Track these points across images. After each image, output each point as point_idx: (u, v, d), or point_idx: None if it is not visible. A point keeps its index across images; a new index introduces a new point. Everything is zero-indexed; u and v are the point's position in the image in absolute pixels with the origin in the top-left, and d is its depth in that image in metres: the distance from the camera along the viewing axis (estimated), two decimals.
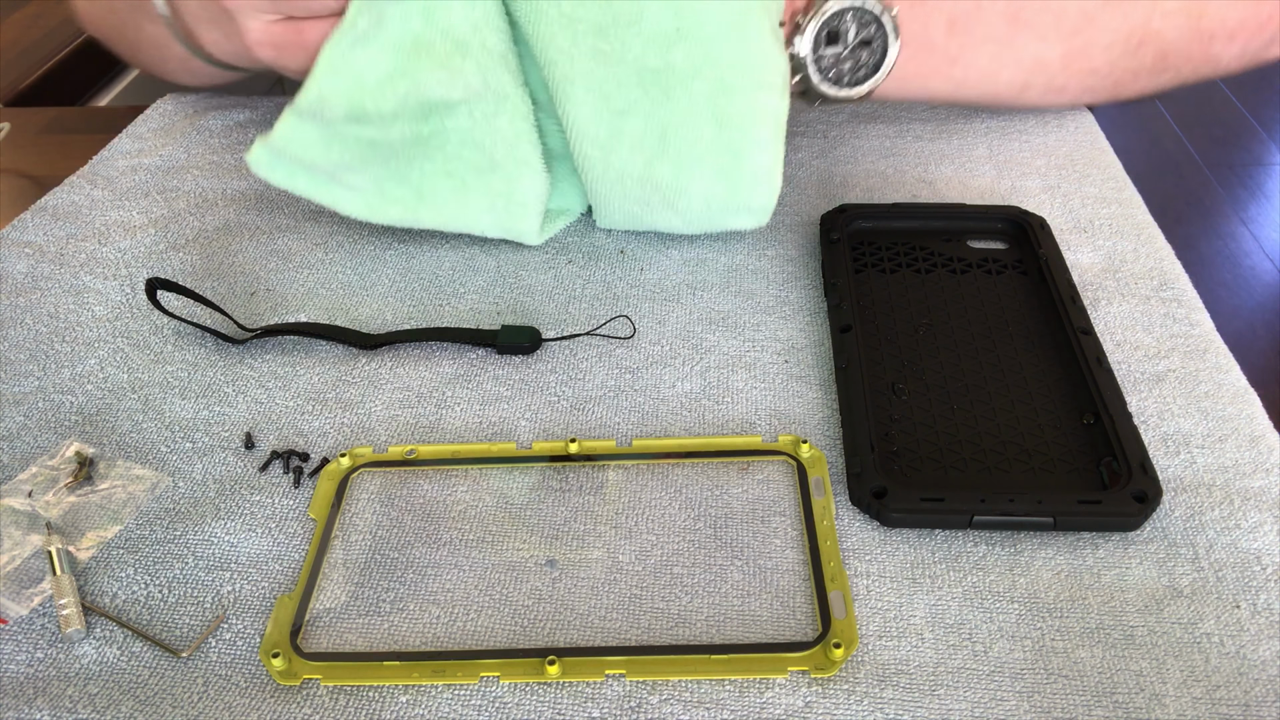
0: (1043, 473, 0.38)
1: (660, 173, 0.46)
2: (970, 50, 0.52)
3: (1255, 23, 0.52)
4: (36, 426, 0.43)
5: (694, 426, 0.42)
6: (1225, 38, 0.52)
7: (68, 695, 0.33)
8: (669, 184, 0.47)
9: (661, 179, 0.47)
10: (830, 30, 0.49)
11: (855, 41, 0.49)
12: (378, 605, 0.36)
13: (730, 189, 0.47)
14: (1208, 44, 0.52)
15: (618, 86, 0.44)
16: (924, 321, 0.45)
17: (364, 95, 0.43)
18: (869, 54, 0.50)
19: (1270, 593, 0.35)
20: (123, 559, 0.38)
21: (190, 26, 0.53)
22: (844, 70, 0.50)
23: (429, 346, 0.46)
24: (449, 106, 0.44)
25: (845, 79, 0.50)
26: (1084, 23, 0.51)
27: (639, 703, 0.32)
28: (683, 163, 0.46)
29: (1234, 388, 0.42)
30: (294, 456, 0.41)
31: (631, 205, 0.49)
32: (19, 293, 0.51)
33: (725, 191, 0.47)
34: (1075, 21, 0.51)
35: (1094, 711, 0.32)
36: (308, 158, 0.46)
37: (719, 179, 0.47)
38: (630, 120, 0.45)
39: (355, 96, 0.43)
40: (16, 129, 0.70)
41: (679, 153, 0.46)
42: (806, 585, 0.35)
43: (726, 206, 0.48)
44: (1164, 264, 0.49)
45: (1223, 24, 0.51)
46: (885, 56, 0.50)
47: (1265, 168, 2.05)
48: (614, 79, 0.44)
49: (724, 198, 0.48)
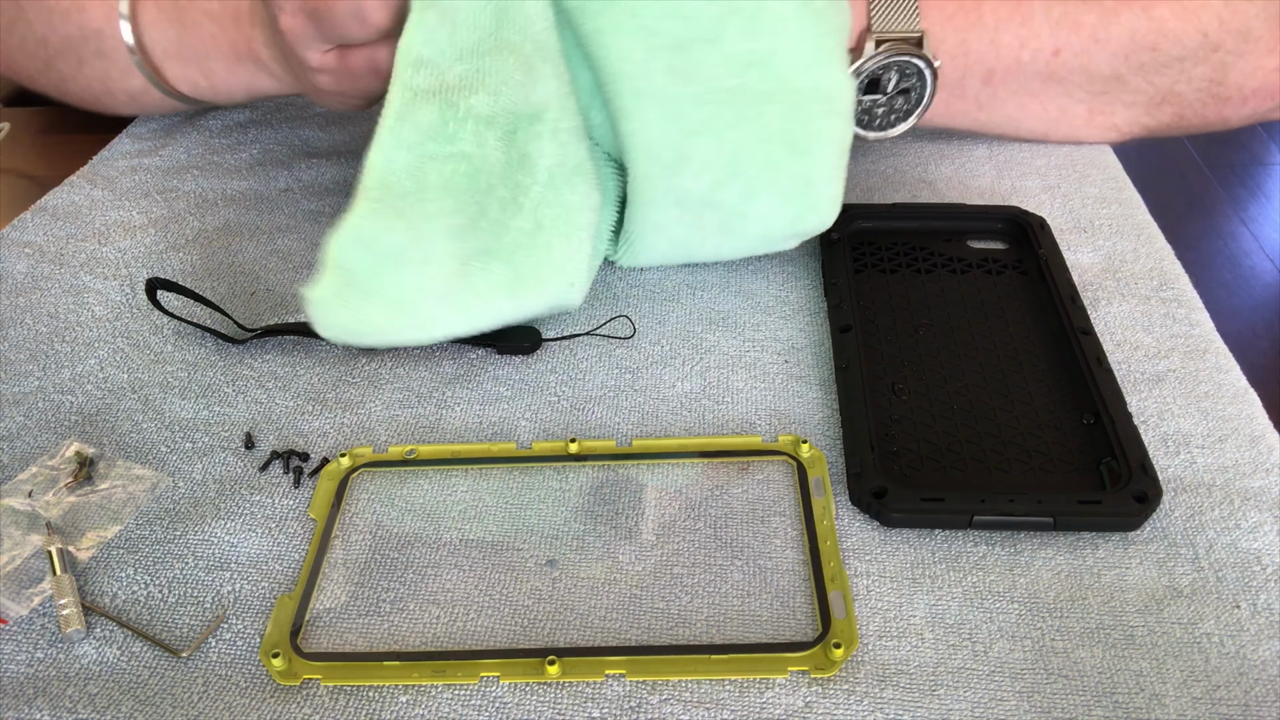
0: (1043, 473, 0.38)
1: (725, 196, 0.44)
2: (1000, 100, 0.54)
3: (1268, 90, 0.53)
4: (36, 426, 0.43)
5: (694, 426, 0.42)
6: (1239, 101, 0.53)
7: (68, 695, 0.33)
8: (732, 208, 0.45)
9: (725, 202, 0.44)
10: (872, 78, 0.49)
11: (895, 90, 0.49)
12: (378, 605, 0.36)
13: (793, 216, 0.45)
14: (1222, 106, 0.54)
15: (691, 105, 0.42)
16: (924, 321, 0.45)
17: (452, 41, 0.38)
18: (904, 101, 0.50)
19: (1270, 593, 0.35)
20: (123, 559, 0.38)
21: (159, 62, 0.54)
22: (877, 114, 0.50)
23: (429, 346, 0.46)
24: (534, 116, 0.40)
25: (877, 123, 0.51)
26: (1114, 84, 0.53)
27: (639, 703, 0.32)
28: (751, 187, 0.44)
29: (1234, 388, 0.42)
30: (294, 456, 0.41)
31: (681, 231, 0.46)
32: (19, 293, 0.51)
33: (788, 218, 0.46)
34: (1106, 83, 0.53)
35: (1094, 711, 0.32)
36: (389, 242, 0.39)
37: (784, 204, 0.45)
38: (700, 141, 0.43)
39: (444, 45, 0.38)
40: (16, 129, 0.70)
41: (748, 177, 0.44)
42: (806, 585, 0.35)
43: (782, 234, 0.47)
44: (1164, 264, 0.49)
45: (1239, 90, 0.53)
46: (920, 106, 0.50)
47: (1265, 168, 2.05)
48: (688, 97, 0.42)
49: (784, 224, 0.46)
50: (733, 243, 0.47)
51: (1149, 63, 0.52)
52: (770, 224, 0.46)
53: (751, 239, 0.47)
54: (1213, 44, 0.51)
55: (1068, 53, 0.51)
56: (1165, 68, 0.52)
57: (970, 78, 0.52)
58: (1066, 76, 0.52)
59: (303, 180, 0.59)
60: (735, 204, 0.45)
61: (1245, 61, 0.52)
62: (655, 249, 0.48)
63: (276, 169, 0.60)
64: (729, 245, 0.48)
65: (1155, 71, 0.52)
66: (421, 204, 0.39)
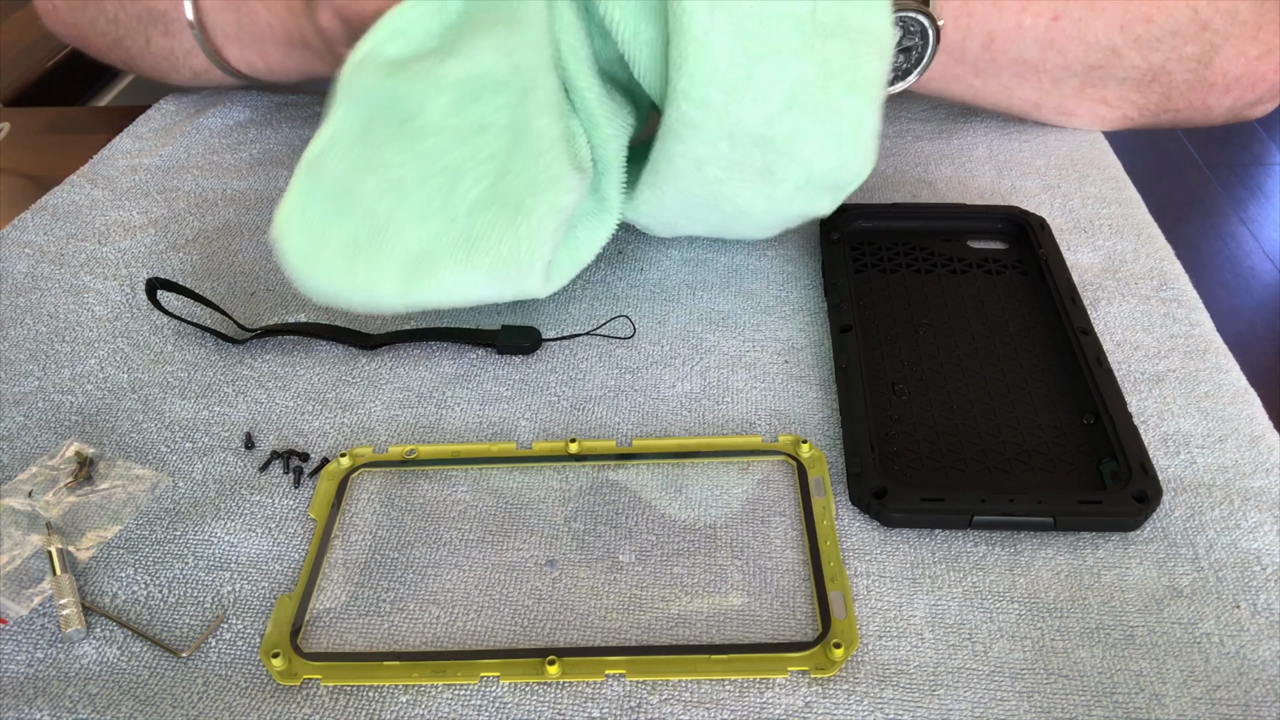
0: (1043, 473, 0.38)
1: (778, 132, 0.43)
2: (997, 66, 0.54)
3: (1250, 80, 0.55)
4: (36, 426, 0.43)
5: (694, 426, 0.42)
6: (1222, 89, 0.55)
7: (68, 695, 0.33)
8: (782, 144, 0.43)
9: (776, 139, 0.43)
10: None
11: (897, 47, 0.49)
12: (378, 605, 0.36)
13: (837, 162, 0.44)
14: (1206, 92, 0.56)
15: (761, 26, 0.41)
16: (924, 321, 0.45)
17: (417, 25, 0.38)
18: (904, 59, 0.50)
19: (1270, 593, 0.35)
20: (123, 559, 0.38)
21: (220, 43, 0.58)
22: None
23: (429, 346, 0.46)
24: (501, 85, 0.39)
25: None
26: (1109, 56, 0.54)
27: (639, 703, 0.32)
28: (803, 124, 0.43)
29: (1234, 388, 0.42)
30: (294, 456, 0.41)
31: (718, 171, 0.44)
32: (19, 293, 0.51)
33: (831, 164, 0.44)
34: (1101, 55, 0.54)
35: (1094, 711, 0.32)
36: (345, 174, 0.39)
37: (832, 147, 0.44)
38: (765, 66, 0.41)
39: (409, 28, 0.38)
40: (16, 129, 0.70)
41: (803, 112, 0.42)
42: (806, 585, 0.35)
43: (821, 184, 0.45)
44: (1164, 264, 0.49)
45: (1223, 76, 0.55)
46: (920, 64, 0.50)
47: (1265, 168, 2.05)
48: (760, 17, 0.41)
49: (825, 172, 0.44)
50: (766, 194, 0.45)
51: (1143, 35, 0.53)
52: (813, 170, 0.44)
53: (788, 190, 0.45)
54: (1202, 21, 0.52)
55: (1066, 19, 0.52)
56: (1158, 42, 0.53)
57: (971, 40, 0.53)
58: (1065, 45, 0.53)
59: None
60: (785, 142, 0.43)
61: (1231, 45, 0.54)
62: (680, 194, 0.46)
63: (276, 169, 0.60)
64: (760, 199, 0.45)
65: (1149, 46, 0.53)
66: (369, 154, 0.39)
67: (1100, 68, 0.54)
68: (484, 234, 0.41)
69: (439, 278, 0.41)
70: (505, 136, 0.40)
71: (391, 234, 0.40)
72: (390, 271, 0.40)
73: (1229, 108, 0.57)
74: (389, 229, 0.40)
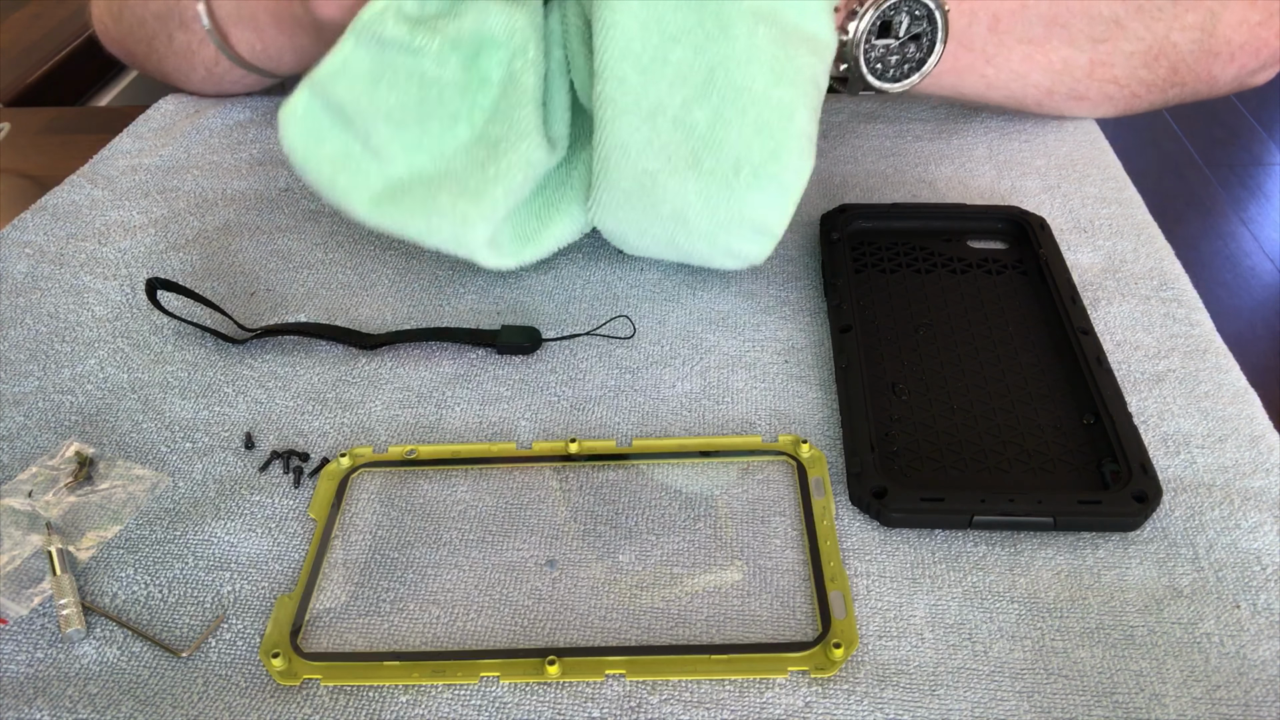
0: (1043, 473, 0.38)
1: (698, 117, 0.42)
2: (1006, 50, 0.54)
3: (1253, 47, 0.56)
4: (36, 426, 0.43)
5: (694, 426, 0.42)
6: (1227, 58, 0.56)
7: (68, 695, 0.33)
8: (705, 130, 0.43)
9: (699, 123, 0.42)
10: (884, 21, 0.49)
11: (906, 35, 0.49)
12: (378, 605, 0.36)
13: (768, 151, 0.43)
14: (1211, 62, 0.56)
15: (675, 8, 0.41)
16: (924, 321, 0.45)
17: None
18: (915, 49, 0.50)
19: (1270, 593, 0.35)
20: (123, 559, 0.38)
21: (225, 28, 0.60)
22: (890, 63, 0.50)
23: (429, 346, 0.46)
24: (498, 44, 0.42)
25: (890, 72, 0.50)
26: (1114, 29, 0.54)
27: (639, 703, 0.32)
28: (724, 111, 0.42)
29: (1234, 388, 0.42)
30: (294, 456, 0.41)
31: (650, 162, 0.44)
32: (19, 293, 0.51)
33: (762, 154, 0.43)
34: (1106, 28, 0.54)
35: (1094, 711, 0.32)
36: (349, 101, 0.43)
37: (761, 136, 0.43)
38: (678, 49, 0.41)
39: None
40: (16, 129, 0.70)
41: (722, 97, 0.42)
42: (806, 585, 0.35)
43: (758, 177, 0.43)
44: (1164, 264, 0.49)
45: (1227, 44, 0.55)
46: (931, 53, 0.50)
47: (1265, 168, 2.05)
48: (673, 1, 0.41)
49: (758, 161, 0.43)
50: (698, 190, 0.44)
51: (1146, 6, 0.53)
52: (742, 161, 0.43)
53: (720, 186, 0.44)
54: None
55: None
56: (1160, 11, 0.54)
57: (977, 24, 0.53)
58: (1069, 20, 0.54)
59: (303, 180, 0.58)
60: (708, 127, 0.43)
61: (1231, 13, 0.54)
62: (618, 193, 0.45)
63: (276, 169, 0.60)
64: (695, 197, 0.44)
65: (1151, 16, 0.54)
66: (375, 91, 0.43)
67: (1106, 42, 0.54)
68: (457, 171, 0.44)
69: (406, 206, 0.45)
70: (497, 90, 0.43)
71: (382, 160, 0.44)
72: (368, 190, 0.45)
73: (1234, 76, 0.57)
74: (380, 155, 0.44)
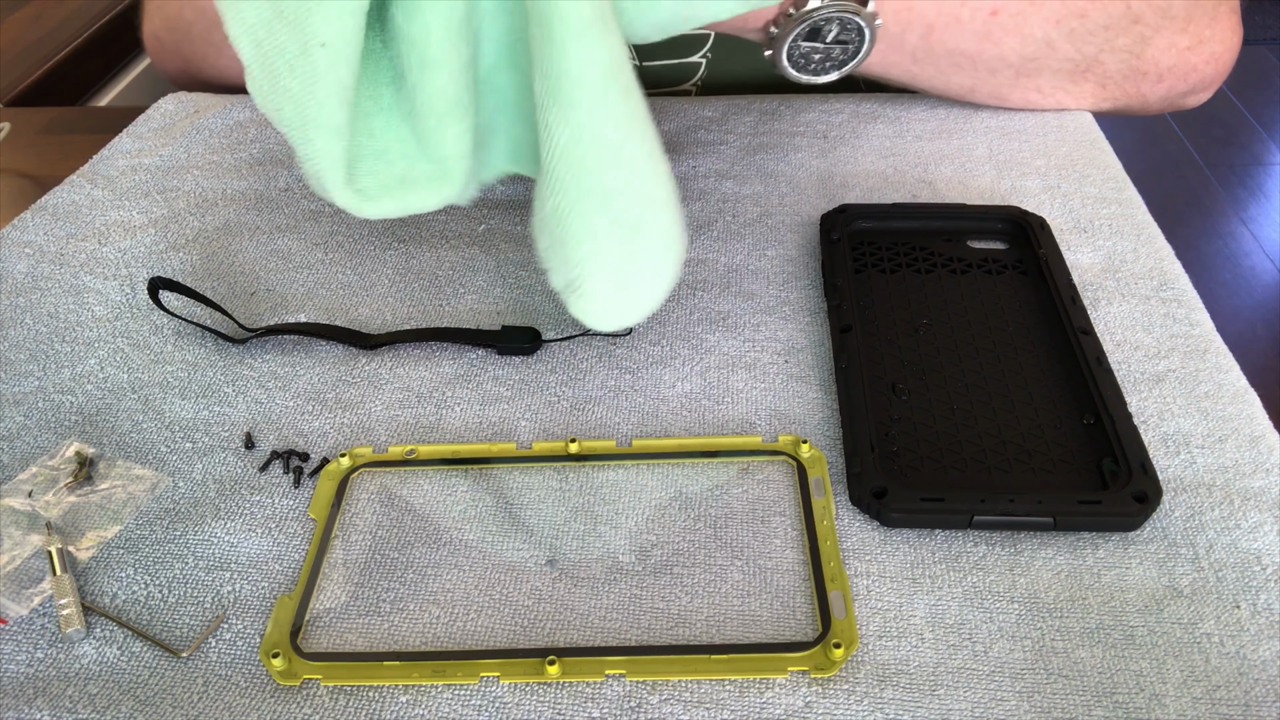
0: (1043, 473, 0.38)
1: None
2: (935, 55, 0.56)
3: (1181, 70, 0.57)
4: (36, 426, 0.43)
5: (694, 426, 0.42)
6: (1155, 78, 0.57)
7: (68, 695, 0.33)
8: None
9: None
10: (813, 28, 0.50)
11: (832, 41, 0.50)
12: (378, 605, 0.36)
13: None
14: (1139, 81, 0.57)
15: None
16: (924, 321, 0.45)
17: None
18: (841, 51, 0.51)
19: (1270, 593, 0.35)
20: (123, 559, 0.38)
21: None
22: (813, 60, 0.51)
23: (429, 346, 0.46)
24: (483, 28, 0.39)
25: (811, 68, 0.51)
26: (1044, 49, 0.55)
27: (639, 703, 0.32)
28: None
29: (1234, 388, 0.42)
30: (294, 456, 0.41)
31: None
32: (19, 293, 0.51)
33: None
34: (1036, 48, 0.55)
35: (1094, 711, 0.32)
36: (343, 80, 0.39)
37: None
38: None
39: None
40: (16, 129, 0.70)
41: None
42: (806, 585, 0.35)
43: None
44: (1164, 264, 0.49)
45: (1155, 65, 0.56)
46: (854, 58, 0.51)
47: (1265, 168, 2.05)
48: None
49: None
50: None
51: (1078, 29, 0.54)
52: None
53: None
54: (1135, 15, 0.54)
55: (1004, 14, 0.54)
56: (1091, 35, 0.54)
57: (910, 32, 0.54)
58: (1001, 38, 0.54)
59: (303, 180, 0.58)
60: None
61: (1161, 37, 0.55)
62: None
63: (276, 169, 0.60)
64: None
65: (1082, 39, 0.54)
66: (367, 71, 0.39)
67: (1035, 59, 0.55)
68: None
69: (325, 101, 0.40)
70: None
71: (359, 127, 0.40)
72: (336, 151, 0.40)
73: (1163, 96, 0.58)
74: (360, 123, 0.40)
